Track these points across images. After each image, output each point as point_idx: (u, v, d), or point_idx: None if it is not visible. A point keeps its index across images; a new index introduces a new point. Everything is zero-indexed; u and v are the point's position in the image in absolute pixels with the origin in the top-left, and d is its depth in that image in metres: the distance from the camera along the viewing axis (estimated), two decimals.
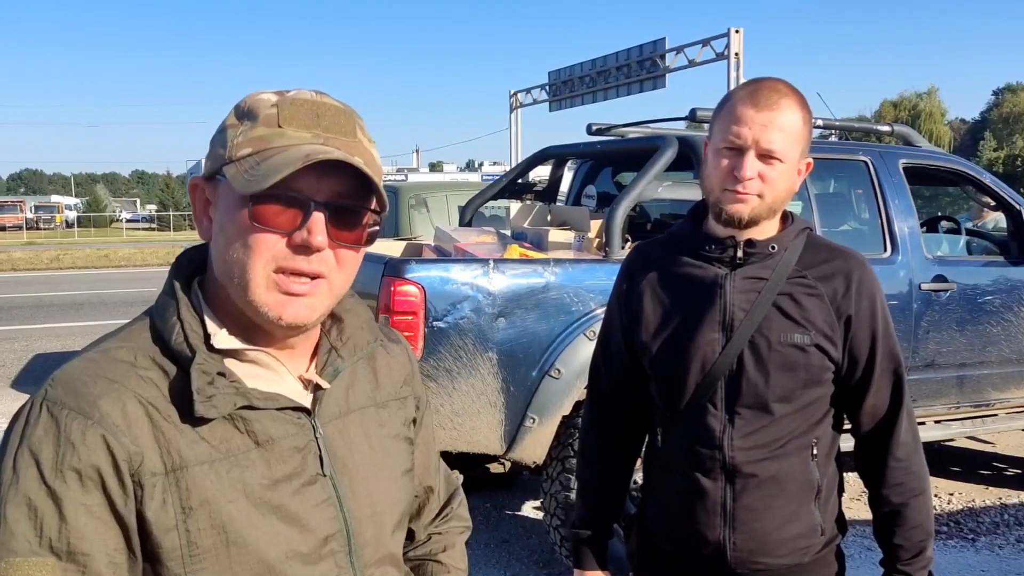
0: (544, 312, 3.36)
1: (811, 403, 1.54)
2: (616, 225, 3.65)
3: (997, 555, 4.06)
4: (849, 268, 1.55)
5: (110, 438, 0.84)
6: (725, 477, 1.53)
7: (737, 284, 1.54)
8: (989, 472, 5.27)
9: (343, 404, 1.02)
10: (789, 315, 1.51)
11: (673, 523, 1.61)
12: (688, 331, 1.56)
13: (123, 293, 14.74)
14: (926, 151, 4.76)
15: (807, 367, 1.51)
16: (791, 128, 1.46)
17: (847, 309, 1.53)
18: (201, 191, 0.96)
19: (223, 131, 0.93)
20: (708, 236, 1.57)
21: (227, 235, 0.91)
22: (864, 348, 1.55)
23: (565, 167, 5.51)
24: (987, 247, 4.83)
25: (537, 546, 4.08)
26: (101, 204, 62.84)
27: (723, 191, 1.49)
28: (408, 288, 3.20)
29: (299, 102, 0.91)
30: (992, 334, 4.33)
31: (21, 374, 8.01)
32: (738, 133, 1.45)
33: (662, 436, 1.64)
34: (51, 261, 22.53)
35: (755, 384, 1.51)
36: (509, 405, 3.36)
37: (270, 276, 0.90)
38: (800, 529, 1.55)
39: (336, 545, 0.96)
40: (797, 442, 1.54)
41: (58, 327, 10.83)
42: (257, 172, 0.87)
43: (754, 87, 1.49)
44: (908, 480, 1.58)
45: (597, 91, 19.99)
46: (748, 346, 1.51)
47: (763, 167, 1.46)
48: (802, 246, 1.57)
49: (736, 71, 15.11)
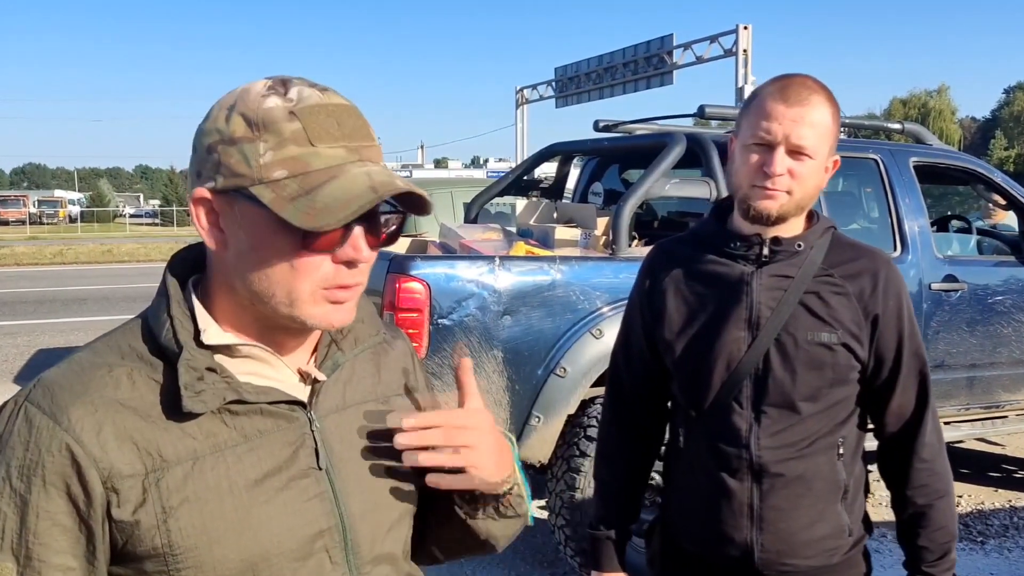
0: (550, 310, 3.33)
1: (837, 402, 1.52)
2: (623, 222, 3.62)
3: (1007, 558, 4.03)
4: (876, 267, 1.54)
5: (75, 446, 0.84)
6: (752, 477, 1.52)
7: (763, 282, 1.52)
8: (999, 474, 5.23)
9: (342, 398, 1.01)
10: (816, 313, 1.50)
11: (698, 524, 1.59)
12: (713, 329, 1.54)
13: (126, 288, 14.75)
14: (937, 149, 4.72)
15: (834, 366, 1.50)
16: (821, 124, 1.45)
17: (874, 308, 1.52)
18: (208, 203, 0.90)
19: (234, 143, 0.87)
20: (733, 233, 1.55)
21: (263, 256, 0.88)
22: (891, 347, 1.53)
23: (571, 164, 5.48)
24: (998, 247, 4.79)
25: (541, 545, 4.06)
26: (105, 199, 62.94)
27: (752, 187, 1.47)
28: (413, 285, 3.18)
29: (316, 110, 0.88)
30: (1003, 335, 4.29)
31: (23, 369, 8.01)
32: (768, 129, 1.44)
33: (684, 436, 1.62)
34: (54, 256, 22.58)
35: (782, 382, 1.50)
36: (514, 403, 3.34)
37: (316, 292, 0.90)
38: (828, 530, 1.54)
39: (329, 540, 0.94)
40: (823, 441, 1.52)
41: (61, 322, 10.84)
42: (314, 205, 0.84)
43: (784, 83, 1.47)
44: (933, 481, 1.57)
45: (604, 88, 20.00)
46: (774, 344, 1.50)
47: (793, 163, 1.44)
48: (827, 244, 1.55)
49: (744, 68, 15.08)
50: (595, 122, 5.02)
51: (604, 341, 3.36)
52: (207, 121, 0.90)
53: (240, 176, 0.86)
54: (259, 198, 0.85)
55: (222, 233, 0.90)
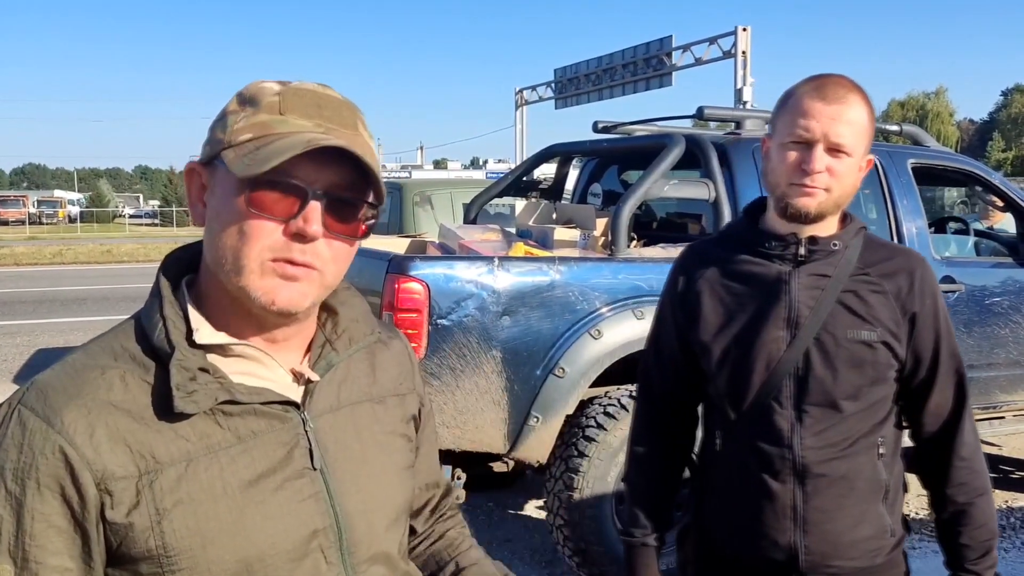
0: (549, 310, 3.34)
1: (877, 401, 1.52)
2: (622, 223, 3.63)
3: (1004, 558, 4.03)
4: (912, 266, 1.55)
5: (68, 448, 0.84)
6: (795, 478, 1.51)
7: (802, 280, 1.52)
8: (995, 475, 5.23)
9: (336, 398, 1.01)
10: (855, 312, 1.50)
11: (739, 528, 1.58)
12: (752, 329, 1.54)
13: (126, 289, 14.74)
14: (935, 151, 4.72)
15: (874, 364, 1.50)
16: (859, 122, 1.46)
17: (912, 307, 1.52)
18: (197, 176, 0.95)
19: (223, 116, 0.93)
20: (769, 233, 1.55)
21: (222, 221, 0.90)
22: (928, 346, 1.54)
23: (571, 165, 5.49)
24: (996, 248, 4.80)
25: (540, 545, 4.06)
26: (104, 199, 62.89)
27: (790, 185, 1.47)
28: (412, 285, 3.18)
29: (302, 92, 0.92)
30: (1000, 336, 4.30)
31: (23, 369, 8.00)
32: (806, 126, 1.44)
33: (722, 438, 1.60)
34: (54, 256, 22.55)
35: (823, 381, 1.49)
36: (513, 404, 3.34)
37: (264, 263, 0.89)
38: (871, 531, 1.54)
39: (325, 540, 0.95)
40: (864, 441, 1.52)
41: (60, 322, 10.83)
42: (257, 156, 0.87)
43: (820, 81, 1.47)
44: (973, 479, 1.57)
45: (603, 89, 20.01)
46: (814, 343, 1.50)
47: (831, 161, 1.45)
48: (861, 244, 1.55)
49: (743, 69, 15.09)
50: (594, 123, 5.02)
51: (603, 342, 3.36)
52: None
53: (218, 143, 0.91)
54: (224, 159, 0.89)
55: (205, 208, 0.94)
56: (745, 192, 3.74)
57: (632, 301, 3.44)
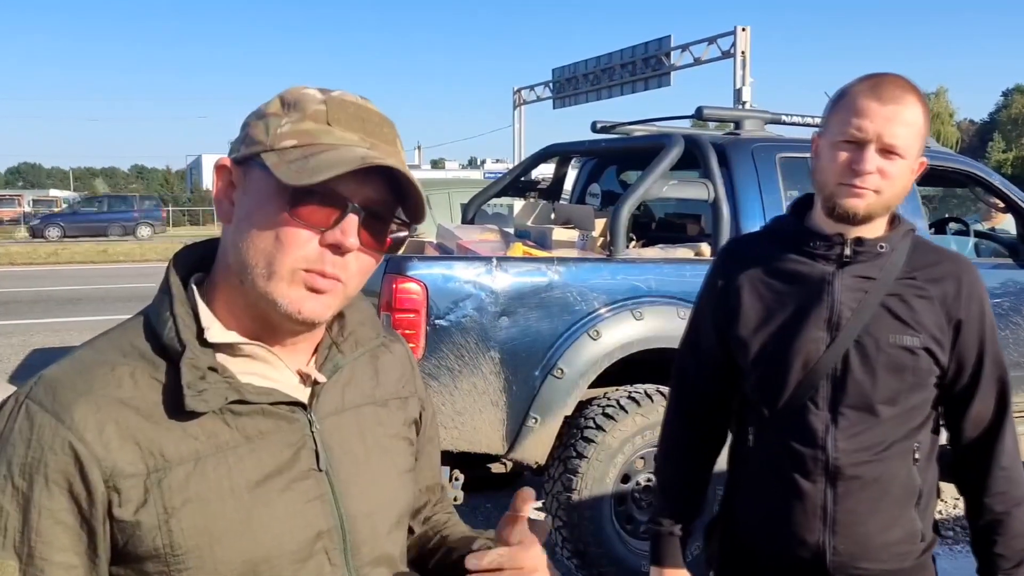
0: (547, 311, 3.33)
1: (915, 406, 1.51)
2: (621, 224, 3.62)
3: None
4: (959, 271, 1.53)
5: (78, 444, 0.83)
6: (827, 479, 1.50)
7: (845, 282, 1.50)
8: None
9: (341, 400, 1.01)
10: (899, 316, 1.49)
11: (768, 525, 1.57)
12: (792, 327, 1.52)
13: (121, 288, 14.71)
14: (935, 152, 4.72)
15: (915, 370, 1.48)
16: (914, 123, 1.43)
17: (957, 313, 1.50)
18: (228, 172, 0.94)
19: (263, 117, 0.92)
20: (814, 232, 1.53)
21: (255, 223, 0.90)
22: (972, 353, 1.52)
23: (569, 165, 5.48)
24: (995, 249, 4.79)
25: None
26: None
27: (839, 185, 1.45)
28: (410, 286, 3.17)
29: (347, 104, 0.93)
30: (1000, 338, 4.28)
31: (18, 369, 7.98)
32: (860, 126, 1.42)
33: (755, 436, 1.59)
34: (49, 255, 22.48)
35: (861, 384, 1.48)
36: (511, 404, 3.33)
37: (296, 272, 0.90)
38: (901, 535, 1.53)
39: (329, 542, 0.95)
40: (900, 446, 1.51)
41: (56, 322, 10.81)
42: (306, 166, 0.87)
43: (876, 80, 1.45)
44: (1011, 488, 1.56)
45: (602, 89, 20.03)
46: (854, 346, 1.48)
47: (883, 162, 1.43)
48: (909, 247, 1.53)
49: (742, 69, 15.12)
50: (593, 123, 5.02)
51: (601, 343, 3.35)
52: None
53: (257, 144, 0.91)
54: (265, 162, 0.89)
55: (232, 206, 0.94)
56: (744, 192, 3.73)
57: (631, 302, 3.44)
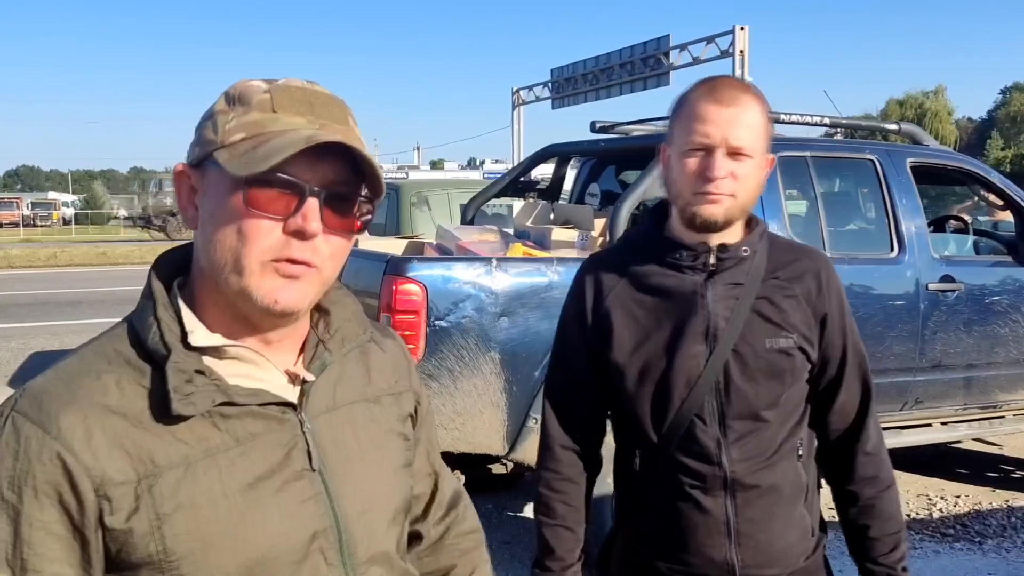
0: (547, 311, 3.32)
1: (795, 404, 1.52)
2: (620, 224, 3.61)
3: (1004, 558, 4.02)
4: (817, 267, 1.54)
5: (66, 454, 0.83)
6: (726, 492, 1.47)
7: (718, 291, 1.48)
8: (996, 474, 5.22)
9: (332, 398, 1.00)
10: (770, 319, 1.48)
11: (670, 546, 1.53)
12: (671, 345, 1.48)
13: (121, 291, 14.70)
14: (934, 150, 4.72)
15: (792, 371, 1.49)
16: (756, 123, 1.43)
17: (822, 308, 1.52)
18: (187, 178, 0.94)
19: (211, 116, 0.92)
20: (677, 242, 1.50)
21: (217, 222, 0.89)
22: (837, 346, 1.54)
23: (568, 165, 5.47)
24: (995, 247, 4.79)
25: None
26: (99, 201, 62.86)
27: (694, 194, 1.43)
28: (410, 287, 3.17)
29: (292, 89, 0.92)
30: (1000, 335, 4.30)
31: (18, 372, 7.97)
32: (706, 132, 1.40)
33: (641, 458, 1.54)
34: (48, 258, 22.47)
35: (745, 393, 1.47)
36: (511, 405, 3.33)
37: (265, 263, 0.89)
38: (798, 534, 1.53)
39: (325, 542, 0.94)
40: (787, 445, 1.51)
41: (55, 325, 10.79)
42: (255, 155, 0.86)
43: (711, 85, 1.45)
44: (880, 473, 1.58)
45: (600, 89, 20.01)
46: (733, 356, 1.46)
47: (733, 165, 1.41)
48: (767, 247, 1.53)
49: (741, 68, 15.10)
50: (592, 123, 5.02)
51: None
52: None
53: (209, 143, 0.90)
54: (217, 160, 0.88)
55: (196, 211, 0.93)
56: None
57: None
